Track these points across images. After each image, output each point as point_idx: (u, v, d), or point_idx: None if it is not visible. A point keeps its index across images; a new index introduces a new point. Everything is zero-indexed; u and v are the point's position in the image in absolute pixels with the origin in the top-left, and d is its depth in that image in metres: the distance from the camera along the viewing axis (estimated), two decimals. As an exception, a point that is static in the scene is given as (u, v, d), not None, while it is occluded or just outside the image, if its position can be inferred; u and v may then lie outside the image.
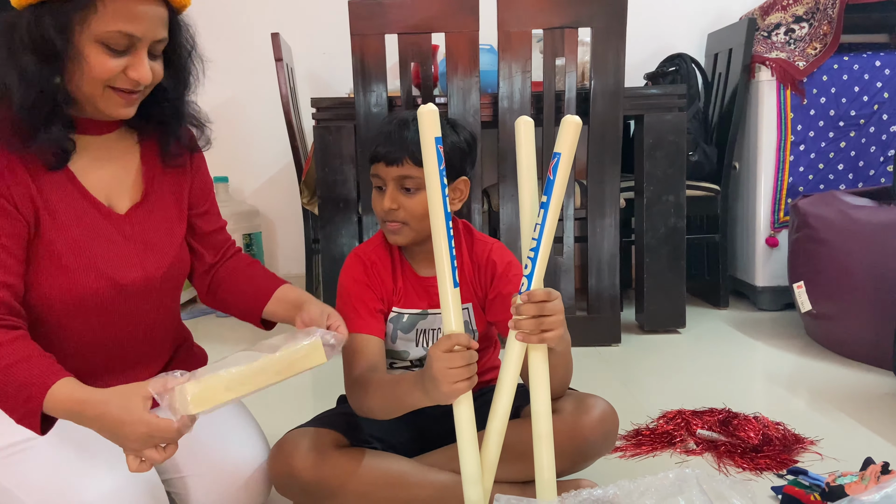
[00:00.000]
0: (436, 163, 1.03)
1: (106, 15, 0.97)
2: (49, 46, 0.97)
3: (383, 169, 1.20)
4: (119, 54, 1.00)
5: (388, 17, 2.14)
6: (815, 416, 1.68)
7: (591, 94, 2.20)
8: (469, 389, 1.05)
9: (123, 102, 1.04)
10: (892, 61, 2.53)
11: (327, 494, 1.18)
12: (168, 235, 1.19)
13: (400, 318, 1.29)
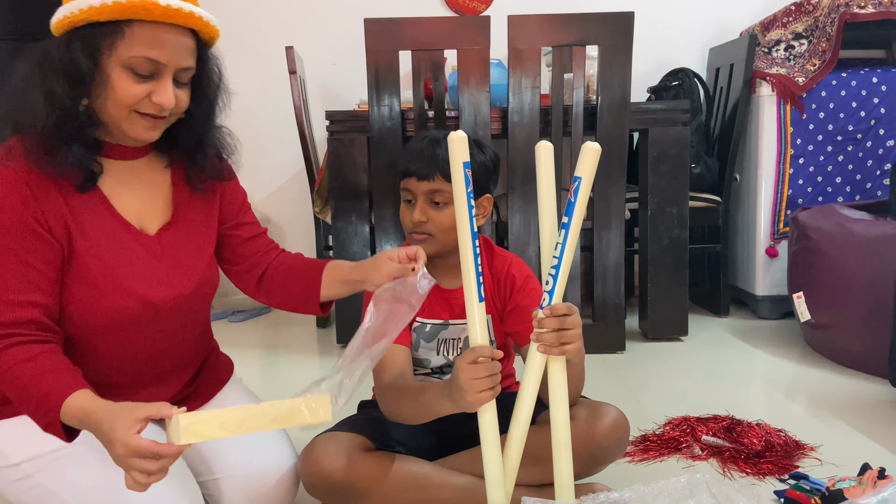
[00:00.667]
0: (464, 186, 1.10)
1: (133, 41, 1.02)
2: (77, 69, 1.01)
3: (414, 183, 1.27)
4: (144, 79, 1.04)
5: (403, 33, 2.21)
6: (814, 423, 1.75)
7: (598, 109, 2.27)
8: (493, 398, 1.11)
9: (148, 126, 1.08)
10: (888, 78, 2.60)
11: (355, 496, 1.24)
12: (197, 254, 1.24)
13: (423, 327, 1.36)
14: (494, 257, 1.38)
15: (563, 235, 1.11)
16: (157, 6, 1.00)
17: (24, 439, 1.13)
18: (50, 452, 1.12)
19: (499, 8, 3.14)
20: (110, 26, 1.01)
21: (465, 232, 1.11)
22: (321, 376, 1.10)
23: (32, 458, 1.13)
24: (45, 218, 1.05)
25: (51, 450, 1.12)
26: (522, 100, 2.26)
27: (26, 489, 1.14)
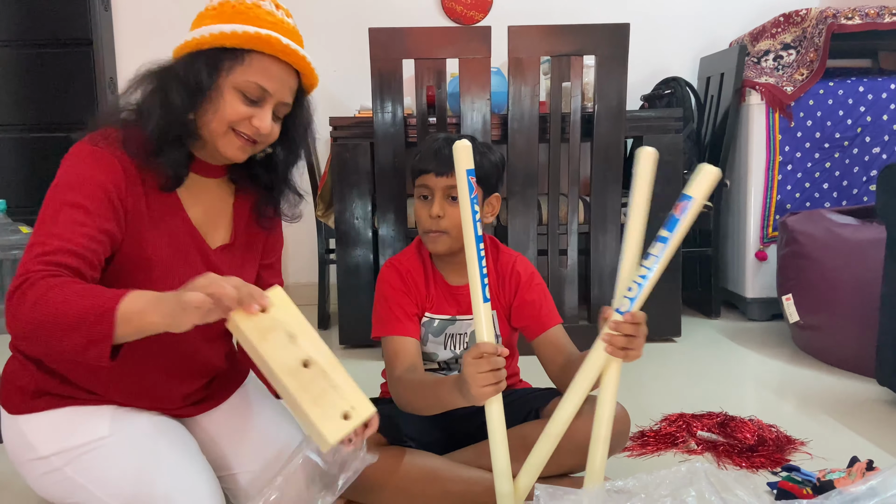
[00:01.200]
0: (468, 192, 1.16)
1: (250, 68, 1.13)
2: (197, 82, 1.11)
3: (433, 179, 1.35)
4: (250, 104, 1.14)
5: (406, 43, 2.27)
6: (804, 419, 1.82)
7: (595, 117, 2.35)
8: (498, 392, 1.17)
9: (240, 146, 1.17)
10: (874, 87, 2.69)
11: (369, 489, 1.30)
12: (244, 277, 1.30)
13: (431, 322, 1.42)
14: (500, 255, 1.45)
15: (660, 249, 1.15)
16: (279, 42, 1.12)
17: (53, 433, 1.18)
18: (79, 446, 1.17)
19: (494, 17, 3.21)
20: (233, 52, 1.12)
21: (469, 235, 1.17)
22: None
23: (61, 452, 1.17)
24: (125, 201, 1.11)
25: (80, 443, 1.17)
26: (522, 107, 2.33)
27: (55, 482, 1.19)
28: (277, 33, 1.13)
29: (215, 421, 1.35)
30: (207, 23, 1.14)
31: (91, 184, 1.08)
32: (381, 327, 1.41)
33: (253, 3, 1.15)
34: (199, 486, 1.19)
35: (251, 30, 1.11)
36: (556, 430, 1.19)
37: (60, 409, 1.19)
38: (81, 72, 3.12)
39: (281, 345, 1.01)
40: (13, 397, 1.21)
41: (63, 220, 1.05)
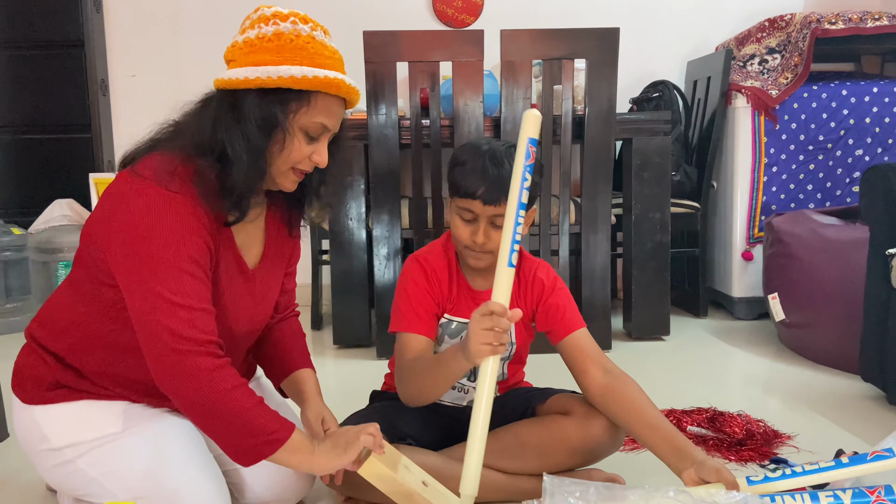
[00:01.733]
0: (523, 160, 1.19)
1: (315, 109, 1.15)
2: (273, 124, 1.13)
3: (479, 207, 1.31)
4: (311, 141, 1.18)
5: (400, 46, 2.31)
6: (790, 414, 1.87)
7: (586, 120, 2.39)
8: (495, 353, 1.18)
9: (296, 180, 1.21)
10: (857, 90, 2.75)
11: (370, 485, 1.32)
12: (275, 289, 1.36)
13: (449, 324, 1.44)
14: (523, 262, 1.46)
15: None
16: (343, 84, 1.14)
17: (66, 425, 1.21)
18: (91, 440, 1.20)
19: (485, 20, 3.24)
20: (300, 93, 1.13)
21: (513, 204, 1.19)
22: None
23: (75, 444, 1.20)
24: (211, 241, 1.14)
25: (92, 437, 1.20)
26: (514, 110, 2.37)
27: (66, 473, 1.21)
28: (340, 73, 1.15)
29: None
30: (267, 58, 1.12)
31: (192, 248, 1.10)
32: (398, 323, 1.41)
33: (309, 36, 1.14)
34: (206, 482, 1.22)
35: (320, 74, 1.12)
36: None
37: (75, 402, 1.22)
38: (73, 73, 3.13)
39: (406, 472, 1.24)
40: (29, 388, 1.23)
41: (189, 290, 1.09)
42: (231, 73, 1.13)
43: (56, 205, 2.97)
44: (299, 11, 1.16)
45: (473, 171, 1.31)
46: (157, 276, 1.08)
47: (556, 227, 2.48)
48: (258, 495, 1.37)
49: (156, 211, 1.09)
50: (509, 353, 1.47)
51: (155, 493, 1.19)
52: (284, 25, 1.14)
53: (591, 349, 1.41)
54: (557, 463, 1.39)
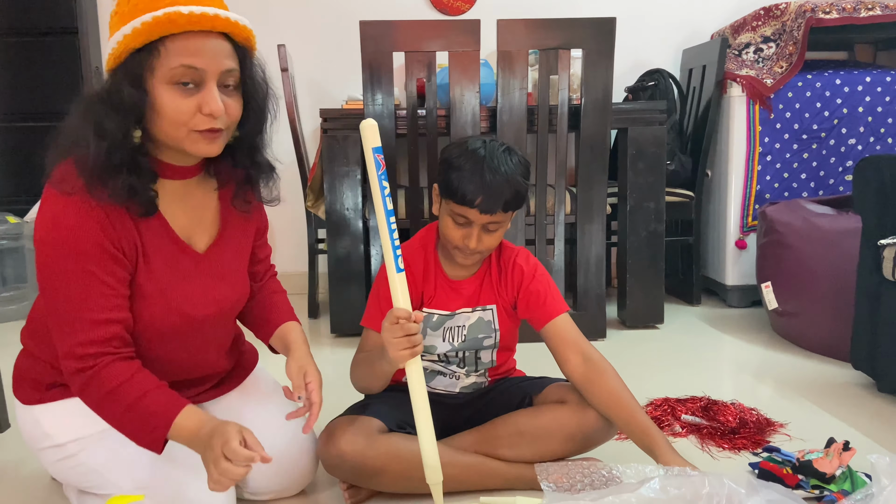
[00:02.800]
0: (375, 170, 1.20)
1: (169, 55, 1.05)
2: (123, 99, 1.05)
3: (476, 215, 1.32)
4: (189, 91, 1.07)
5: (396, 36, 2.30)
6: (782, 402, 1.90)
7: (582, 110, 2.40)
8: (415, 356, 1.23)
9: (207, 141, 1.11)
10: (851, 80, 2.77)
11: (372, 474, 1.35)
12: (238, 268, 1.33)
13: (430, 317, 1.46)
14: (503, 250, 1.49)
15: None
16: (180, 16, 1.03)
17: (68, 421, 1.23)
18: (93, 434, 1.22)
19: (480, 7, 3.24)
20: (146, 50, 1.04)
21: (380, 211, 1.22)
22: None
23: (77, 439, 1.22)
24: (120, 241, 1.11)
25: (94, 431, 1.22)
26: (511, 99, 2.37)
27: (71, 467, 1.24)
28: (175, 6, 1.03)
29: (223, 407, 1.40)
30: (113, 31, 1.06)
31: (84, 241, 1.08)
32: (365, 317, 1.46)
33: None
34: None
35: (148, 18, 1.02)
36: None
37: (73, 398, 1.22)
38: (67, 60, 3.12)
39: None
40: (28, 389, 1.25)
41: (78, 292, 1.08)
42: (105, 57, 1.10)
43: (51, 193, 2.96)
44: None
45: (471, 179, 1.31)
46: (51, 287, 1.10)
47: (552, 217, 2.49)
48: (261, 485, 1.39)
49: (56, 218, 1.08)
50: (494, 340, 1.49)
51: (160, 484, 1.21)
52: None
53: (571, 336, 1.44)
54: (554, 450, 1.42)
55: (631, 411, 1.36)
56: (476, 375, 1.54)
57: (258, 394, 1.47)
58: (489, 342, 1.49)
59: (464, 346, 1.48)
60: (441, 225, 1.41)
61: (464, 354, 1.49)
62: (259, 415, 1.41)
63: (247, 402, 1.43)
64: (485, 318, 1.48)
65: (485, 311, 1.48)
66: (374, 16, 3.22)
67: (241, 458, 1.04)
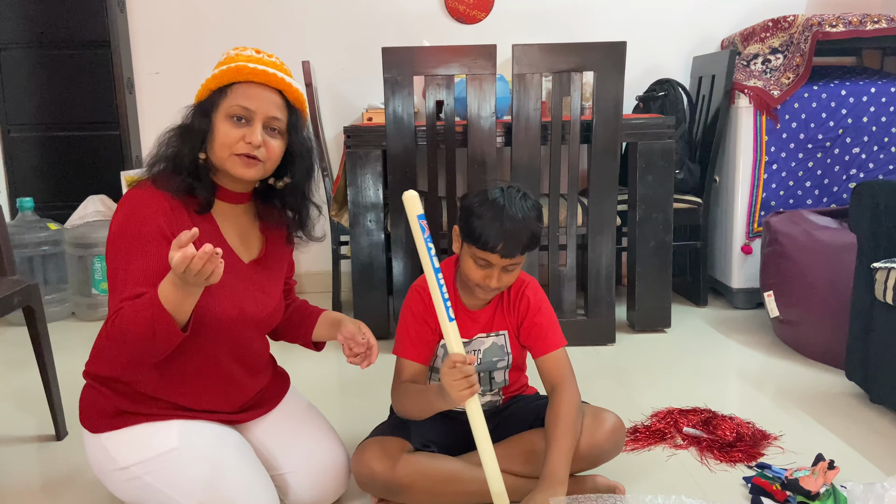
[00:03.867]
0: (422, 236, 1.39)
1: (232, 97, 1.34)
2: (195, 130, 1.35)
3: (497, 259, 1.45)
4: (239, 125, 1.34)
5: (417, 61, 2.42)
6: (779, 413, 2.04)
7: (594, 127, 2.51)
8: (473, 394, 1.38)
9: (243, 164, 1.35)
10: (856, 90, 2.86)
11: (400, 491, 1.50)
12: (275, 286, 1.53)
13: None
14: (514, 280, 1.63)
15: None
16: (246, 67, 1.34)
17: (131, 446, 1.39)
18: (154, 457, 1.37)
19: (496, 16, 3.33)
20: (218, 91, 1.35)
21: (429, 272, 1.38)
22: None
23: (139, 462, 1.38)
24: (179, 229, 1.30)
25: (155, 454, 1.37)
26: (527, 119, 2.49)
27: (136, 488, 1.39)
28: (247, 62, 1.34)
29: (265, 427, 1.56)
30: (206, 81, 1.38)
31: (148, 227, 1.29)
32: (397, 348, 1.62)
33: (236, 53, 1.38)
34: (260, 489, 1.41)
35: (224, 67, 1.34)
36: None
37: (136, 425, 1.39)
38: (100, 72, 3.25)
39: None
40: (95, 419, 1.41)
41: (133, 271, 1.27)
42: None
43: (90, 201, 3.12)
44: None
45: (492, 226, 1.43)
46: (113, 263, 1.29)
47: (564, 228, 2.62)
48: (300, 496, 1.55)
49: (126, 206, 1.32)
50: (507, 362, 1.64)
51: (215, 500, 1.36)
52: (228, 52, 1.39)
53: (563, 371, 1.57)
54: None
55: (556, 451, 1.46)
56: (491, 395, 1.68)
57: (296, 413, 1.63)
58: (502, 364, 1.64)
59: (480, 368, 1.62)
60: (463, 265, 1.54)
61: (479, 376, 1.63)
62: (298, 433, 1.57)
63: (286, 421, 1.59)
64: (498, 343, 1.62)
65: (498, 336, 1.62)
66: (391, 24, 3.34)
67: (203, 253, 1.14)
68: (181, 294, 1.18)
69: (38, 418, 2.09)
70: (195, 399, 1.43)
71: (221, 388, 1.46)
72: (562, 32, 3.35)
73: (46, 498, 1.68)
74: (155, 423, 1.40)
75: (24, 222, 3.06)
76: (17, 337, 2.89)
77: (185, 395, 1.42)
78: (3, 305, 1.76)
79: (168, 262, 1.23)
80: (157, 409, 1.41)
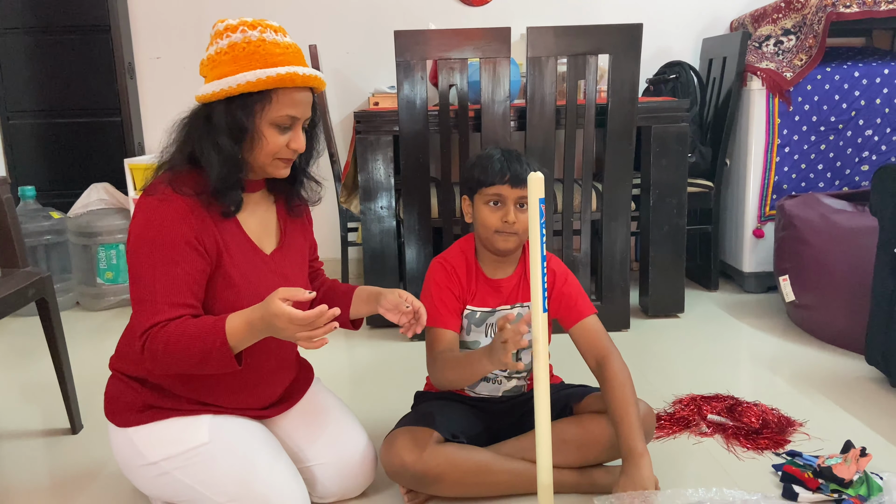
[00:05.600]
0: (538, 220, 1.31)
1: (278, 104, 1.28)
2: (239, 128, 1.28)
3: (507, 190, 1.51)
4: (285, 131, 1.32)
5: (430, 45, 2.38)
6: (801, 398, 2.03)
7: (609, 111, 2.48)
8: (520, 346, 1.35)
9: (284, 166, 1.37)
10: (868, 72, 2.83)
11: (431, 482, 1.49)
12: (299, 271, 1.51)
13: (473, 314, 1.61)
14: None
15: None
16: (298, 76, 1.27)
17: (159, 441, 1.37)
18: (184, 452, 1.35)
19: (503, -3, 3.30)
20: (261, 94, 1.27)
21: (536, 257, 1.32)
22: None
23: (169, 458, 1.36)
24: (202, 237, 1.29)
25: (185, 449, 1.35)
26: (542, 104, 2.45)
27: (165, 483, 1.37)
28: (294, 66, 1.27)
29: (291, 420, 1.55)
30: (226, 70, 1.27)
31: (172, 234, 1.26)
32: (430, 319, 1.57)
33: (259, 40, 1.27)
34: (290, 483, 1.40)
35: (272, 73, 1.24)
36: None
37: (164, 420, 1.37)
38: (101, 57, 3.19)
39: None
40: (121, 413, 1.38)
41: (161, 278, 1.25)
42: (203, 88, 1.29)
43: (93, 189, 3.07)
44: (247, 18, 1.30)
45: (497, 164, 1.53)
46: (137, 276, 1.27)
47: (578, 214, 2.60)
48: (328, 489, 1.53)
49: (147, 214, 1.28)
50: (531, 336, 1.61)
51: (247, 496, 1.34)
52: (235, 36, 1.27)
53: (595, 336, 1.58)
54: (595, 457, 1.56)
55: (625, 416, 1.46)
56: (517, 379, 1.66)
57: (321, 405, 1.60)
58: (527, 337, 1.61)
59: None
60: (479, 221, 1.57)
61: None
62: (324, 425, 1.56)
63: (312, 413, 1.57)
64: (522, 315, 1.61)
65: (523, 307, 1.62)
66: (398, 5, 3.29)
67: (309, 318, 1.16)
68: (252, 335, 1.22)
69: (52, 411, 2.06)
70: (226, 398, 1.41)
71: (252, 387, 1.44)
72: (570, 15, 3.31)
73: (69, 493, 1.65)
74: (184, 418, 1.38)
75: (26, 211, 3.01)
76: (26, 327, 2.86)
77: (216, 394, 1.40)
78: (18, 298, 1.73)
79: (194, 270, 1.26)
80: (186, 405, 1.38)
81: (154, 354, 1.22)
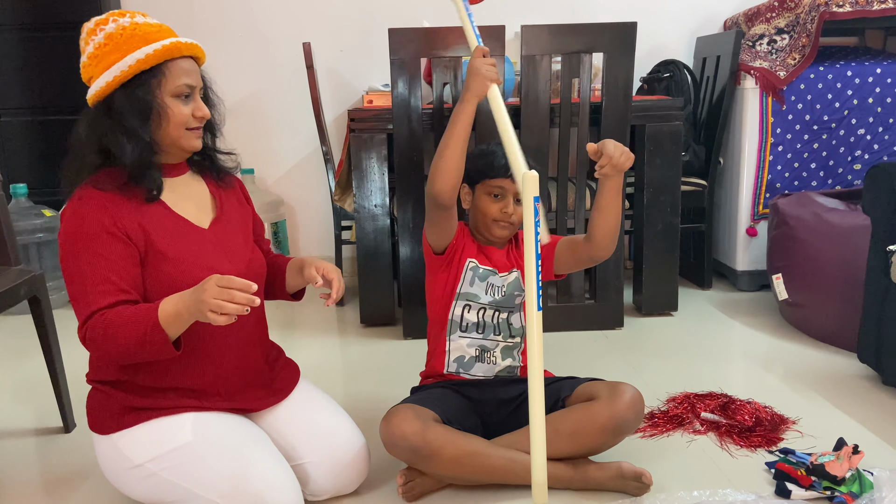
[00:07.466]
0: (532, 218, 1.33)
1: (171, 75, 1.33)
2: (144, 106, 1.32)
3: (509, 183, 1.63)
4: (187, 101, 1.37)
5: (424, 42, 2.37)
6: (793, 396, 2.03)
7: (603, 109, 2.48)
8: (497, 75, 1.54)
9: (195, 136, 1.41)
10: (861, 71, 2.84)
11: (429, 455, 1.48)
12: (242, 242, 1.52)
13: (477, 268, 1.68)
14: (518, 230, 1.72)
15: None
16: (182, 44, 1.34)
17: (144, 443, 1.37)
18: (168, 452, 1.35)
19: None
20: (154, 70, 1.32)
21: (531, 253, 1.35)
22: None
23: (154, 458, 1.35)
24: (123, 225, 1.31)
25: (169, 449, 1.35)
26: (536, 101, 2.45)
27: (153, 485, 1.37)
28: (171, 38, 1.33)
29: (280, 416, 1.54)
30: (111, 59, 1.31)
31: (91, 227, 1.28)
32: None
33: (132, 24, 1.33)
34: (283, 480, 1.39)
35: (157, 46, 1.30)
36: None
37: (146, 422, 1.37)
38: (93, 54, 3.16)
39: None
40: (103, 420, 1.39)
41: (88, 270, 1.28)
42: (94, 87, 1.33)
43: (84, 187, 3.05)
44: (113, 10, 1.37)
45: (503, 159, 1.59)
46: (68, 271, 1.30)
47: (573, 212, 2.60)
48: (321, 486, 1.53)
49: (68, 217, 1.31)
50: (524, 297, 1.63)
51: (240, 493, 1.33)
52: (109, 27, 1.32)
53: (573, 238, 1.71)
54: (588, 444, 1.56)
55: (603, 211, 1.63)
56: (510, 359, 1.70)
57: (311, 401, 1.60)
58: (520, 300, 1.69)
59: (502, 302, 1.68)
60: (479, 209, 1.68)
61: (498, 319, 1.68)
62: (316, 422, 1.56)
63: (302, 409, 1.57)
64: (519, 279, 1.70)
65: (511, 273, 1.71)
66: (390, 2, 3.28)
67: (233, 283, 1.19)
68: (185, 311, 1.23)
69: (44, 410, 2.05)
70: (200, 378, 1.41)
71: (219, 366, 1.43)
72: (565, 13, 3.31)
73: (61, 492, 1.64)
74: (167, 418, 1.38)
75: (18, 209, 2.99)
76: (18, 326, 2.84)
77: (190, 375, 1.40)
78: (9, 297, 1.72)
79: (119, 258, 1.29)
80: (165, 402, 1.39)
81: (95, 342, 1.25)
